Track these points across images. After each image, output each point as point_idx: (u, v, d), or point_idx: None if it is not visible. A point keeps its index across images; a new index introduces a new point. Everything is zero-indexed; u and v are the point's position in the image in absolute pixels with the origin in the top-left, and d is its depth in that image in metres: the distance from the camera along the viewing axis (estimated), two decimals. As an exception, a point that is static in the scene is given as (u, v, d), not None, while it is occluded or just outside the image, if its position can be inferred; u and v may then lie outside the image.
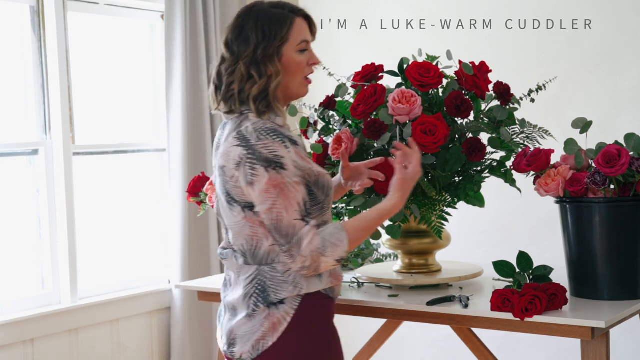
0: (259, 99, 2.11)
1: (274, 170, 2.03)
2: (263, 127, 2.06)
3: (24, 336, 3.32)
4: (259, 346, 2.10)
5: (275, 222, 2.05)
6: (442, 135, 2.37)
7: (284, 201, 2.03)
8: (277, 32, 2.12)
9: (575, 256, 2.37)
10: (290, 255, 2.06)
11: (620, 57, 3.58)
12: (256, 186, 2.04)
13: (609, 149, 2.28)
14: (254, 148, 2.04)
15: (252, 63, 2.11)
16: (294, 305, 2.10)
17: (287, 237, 2.05)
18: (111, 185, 3.84)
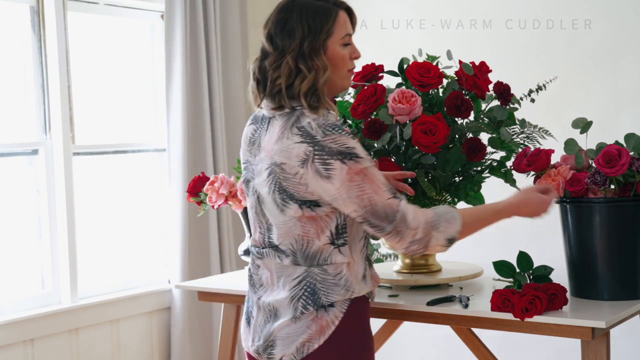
0: (309, 94, 2.05)
1: (351, 161, 1.98)
2: (326, 123, 2.01)
3: (24, 336, 3.32)
4: (304, 349, 2.06)
5: (369, 207, 2.00)
6: (442, 135, 2.37)
7: (371, 185, 1.99)
8: (322, 25, 2.07)
9: (575, 256, 2.37)
10: (397, 232, 2.01)
11: (620, 57, 3.58)
12: (335, 180, 1.98)
13: (609, 149, 2.27)
14: (322, 144, 1.98)
15: (299, 57, 2.05)
16: (342, 309, 2.07)
17: (388, 218, 2.01)
18: (111, 185, 3.84)
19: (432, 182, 2.49)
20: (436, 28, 4.02)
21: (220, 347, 2.86)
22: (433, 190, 2.44)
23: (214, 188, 2.76)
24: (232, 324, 2.84)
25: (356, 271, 2.10)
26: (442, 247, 2.08)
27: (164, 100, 3.88)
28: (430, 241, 2.04)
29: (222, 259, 3.99)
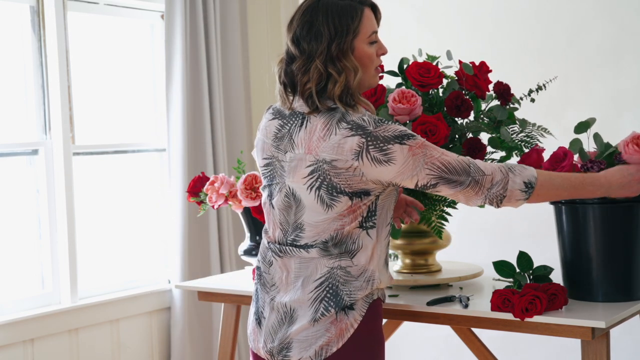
0: (344, 96, 2.03)
1: (409, 140, 1.98)
2: (374, 117, 2.01)
3: (24, 336, 3.32)
4: (322, 352, 2.03)
5: (443, 167, 2.00)
6: (443, 135, 2.37)
7: (436, 150, 2.00)
8: (349, 26, 2.04)
9: (569, 258, 2.37)
10: (475, 182, 2.01)
11: (620, 57, 3.58)
12: (398, 161, 1.97)
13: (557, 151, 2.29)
14: (374, 134, 1.97)
15: (328, 60, 2.02)
16: (362, 312, 2.05)
17: (465, 170, 2.01)
18: (111, 185, 3.84)
19: (432, 182, 2.48)
20: (436, 28, 4.02)
21: (220, 347, 2.86)
22: (433, 190, 2.44)
23: (214, 188, 2.76)
24: (232, 324, 2.84)
25: (379, 256, 2.09)
26: (520, 193, 2.04)
27: (164, 100, 3.88)
28: (508, 184, 2.03)
29: (222, 259, 3.99)
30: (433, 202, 2.51)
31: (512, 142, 2.50)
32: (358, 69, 2.05)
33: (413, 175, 2.01)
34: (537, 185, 2.05)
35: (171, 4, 3.80)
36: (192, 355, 3.88)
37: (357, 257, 2.05)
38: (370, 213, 2.06)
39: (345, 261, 2.05)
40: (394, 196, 2.12)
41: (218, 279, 3.01)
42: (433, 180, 2.01)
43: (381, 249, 2.10)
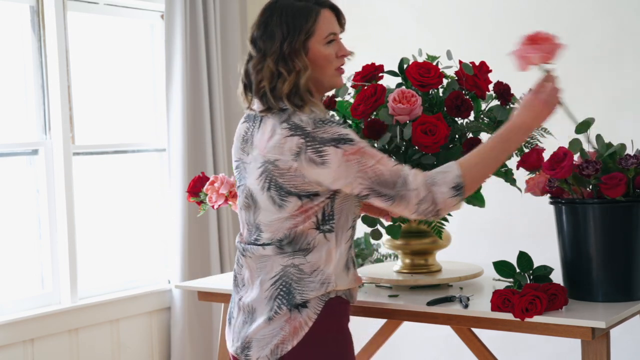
0: (292, 95, 2.05)
1: (345, 144, 1.98)
2: (316, 117, 2.02)
3: (24, 336, 3.32)
4: (278, 351, 2.05)
5: (375, 178, 1.99)
6: (443, 135, 2.36)
7: (372, 158, 2.00)
8: (302, 26, 2.07)
9: (569, 258, 2.37)
10: (402, 197, 2.00)
11: (620, 57, 3.58)
12: (332, 164, 1.98)
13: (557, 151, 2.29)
14: (312, 135, 1.99)
15: (279, 59, 2.05)
16: (316, 310, 2.06)
17: (393, 186, 2.00)
18: (111, 185, 3.84)
19: (432, 182, 2.48)
20: (436, 28, 4.02)
21: (220, 347, 2.86)
22: (433, 190, 2.44)
23: (214, 188, 2.76)
24: (232, 324, 2.84)
25: (337, 260, 2.09)
26: (453, 199, 2.01)
27: (164, 100, 3.88)
28: (436, 196, 2.00)
29: (222, 259, 3.99)
30: (433, 202, 2.51)
31: (512, 142, 2.50)
32: (307, 68, 2.07)
33: (348, 183, 2.02)
34: (465, 182, 2.03)
35: (171, 4, 3.79)
36: (192, 355, 3.88)
37: (311, 255, 2.07)
38: (327, 216, 2.08)
39: (299, 259, 2.07)
40: (353, 200, 2.12)
41: (218, 279, 3.01)
42: (365, 190, 2.02)
43: (341, 253, 2.11)
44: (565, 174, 2.25)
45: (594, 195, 2.29)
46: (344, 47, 2.17)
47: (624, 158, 2.27)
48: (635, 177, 2.28)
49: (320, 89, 2.16)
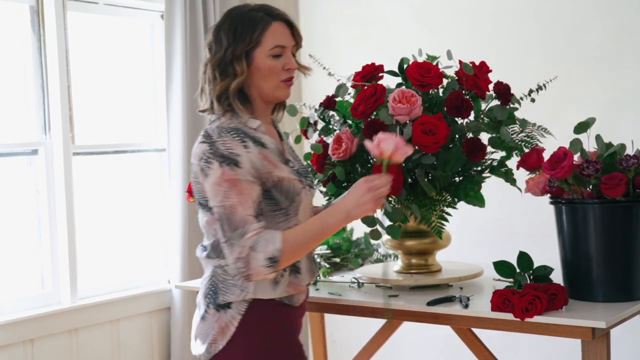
0: (222, 98, 2.14)
1: (228, 166, 2.03)
2: (227, 126, 2.09)
3: (24, 336, 3.31)
4: (211, 349, 2.12)
5: (228, 214, 2.02)
6: (443, 135, 2.36)
7: (238, 196, 2.02)
8: (246, 35, 2.12)
9: (570, 258, 2.37)
10: (231, 244, 2.02)
11: (620, 57, 3.58)
12: (209, 179, 2.05)
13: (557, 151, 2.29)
14: (214, 145, 2.05)
15: (218, 65, 2.13)
16: (240, 310, 2.10)
17: (235, 231, 2.02)
18: (111, 185, 3.84)
19: (432, 182, 2.48)
20: (436, 27, 4.02)
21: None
22: (433, 190, 2.44)
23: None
24: (232, 324, 2.84)
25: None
26: (266, 269, 2.01)
27: (164, 100, 3.88)
28: (251, 262, 2.00)
29: (222, 259, 3.99)
30: (433, 202, 2.52)
31: (512, 142, 2.50)
32: (243, 74, 2.12)
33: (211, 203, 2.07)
34: (282, 256, 2.02)
35: (171, 4, 3.79)
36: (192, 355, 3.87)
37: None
38: None
39: (224, 260, 2.12)
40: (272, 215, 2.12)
41: (218, 279, 3.00)
42: (217, 217, 2.06)
43: None
44: (565, 174, 2.25)
45: (594, 195, 2.29)
46: (292, 60, 2.18)
47: (624, 158, 2.27)
48: (635, 177, 2.28)
49: (265, 99, 2.20)
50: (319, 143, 2.67)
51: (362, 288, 2.69)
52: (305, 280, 2.21)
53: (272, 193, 2.10)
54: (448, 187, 2.51)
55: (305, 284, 2.21)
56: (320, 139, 2.71)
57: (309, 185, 2.22)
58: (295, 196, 2.13)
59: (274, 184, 2.09)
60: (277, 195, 2.10)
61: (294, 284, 2.17)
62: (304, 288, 2.21)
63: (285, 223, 2.12)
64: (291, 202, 2.12)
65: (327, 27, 4.32)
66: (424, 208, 2.51)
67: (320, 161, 2.62)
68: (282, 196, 2.11)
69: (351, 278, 2.77)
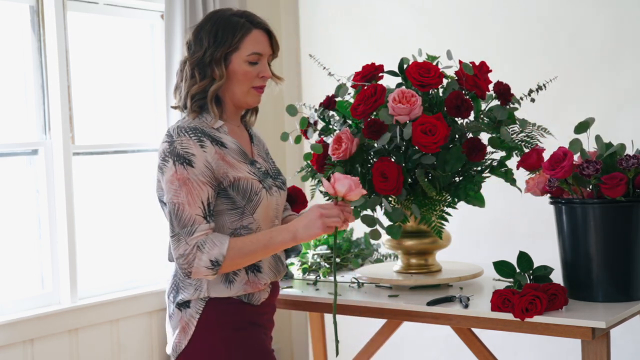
0: (196, 97, 2.17)
1: (181, 166, 2.07)
2: (186, 126, 2.13)
3: (24, 336, 3.31)
4: (177, 348, 2.16)
5: (176, 211, 2.07)
6: (442, 135, 2.37)
7: (187, 195, 2.07)
8: (227, 39, 2.16)
9: (569, 258, 2.37)
10: (178, 240, 2.07)
11: (620, 57, 3.58)
12: (164, 176, 2.10)
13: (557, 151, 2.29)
14: (173, 143, 2.10)
15: (197, 65, 2.17)
16: (198, 309, 2.14)
17: (184, 228, 2.07)
18: (111, 185, 3.84)
19: (432, 182, 2.49)
20: (436, 28, 4.02)
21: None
22: (433, 190, 2.44)
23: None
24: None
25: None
26: (207, 270, 2.05)
27: (164, 100, 3.88)
28: (194, 261, 2.05)
29: (222, 259, 3.99)
30: (433, 202, 2.52)
31: (512, 142, 2.50)
32: (223, 77, 2.16)
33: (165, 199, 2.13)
34: (224, 261, 2.05)
35: (171, 4, 3.79)
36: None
37: None
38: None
39: None
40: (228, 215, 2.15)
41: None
42: (167, 213, 2.11)
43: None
44: (565, 174, 2.25)
45: (594, 195, 2.29)
46: (267, 69, 2.22)
47: (624, 158, 2.27)
48: (635, 177, 2.28)
49: (236, 104, 2.24)
50: (319, 143, 2.67)
51: (362, 288, 2.69)
52: (267, 278, 2.22)
53: (228, 192, 2.14)
54: (448, 187, 2.51)
55: (265, 283, 2.22)
56: (320, 139, 2.71)
57: (277, 187, 2.25)
58: (254, 196, 2.16)
59: (230, 184, 2.13)
60: (233, 195, 2.14)
61: (253, 283, 2.19)
62: (263, 287, 2.22)
63: (239, 221, 2.16)
64: (248, 201, 2.16)
65: (327, 27, 4.31)
66: (424, 208, 2.51)
67: (320, 161, 2.62)
68: (238, 195, 2.15)
69: (351, 278, 2.77)
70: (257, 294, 2.20)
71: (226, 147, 2.16)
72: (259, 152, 2.31)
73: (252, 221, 2.17)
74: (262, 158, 2.30)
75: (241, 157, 2.19)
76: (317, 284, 2.80)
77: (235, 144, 2.20)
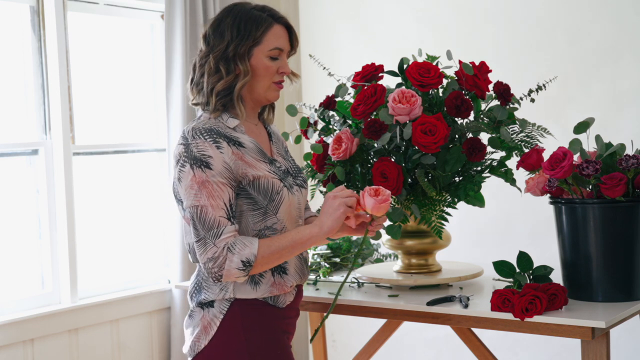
0: (222, 95, 2.13)
1: (199, 169, 2.04)
2: (201, 127, 2.09)
3: (24, 336, 3.31)
4: (195, 347, 2.13)
5: (199, 214, 2.03)
6: (442, 135, 2.37)
7: (209, 198, 2.03)
8: (250, 33, 2.13)
9: (569, 258, 2.37)
10: (204, 243, 2.02)
11: (620, 57, 3.58)
12: (182, 183, 2.07)
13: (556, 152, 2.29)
14: (188, 147, 2.07)
15: (221, 58, 2.13)
16: (222, 310, 2.11)
17: (210, 231, 2.03)
18: (111, 185, 3.84)
19: (432, 182, 2.49)
20: (436, 28, 4.03)
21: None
22: (433, 190, 2.45)
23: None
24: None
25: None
26: (239, 272, 2.02)
27: (164, 100, 3.88)
28: (225, 263, 2.01)
29: (222, 259, 3.99)
30: (433, 202, 2.52)
31: (512, 142, 2.50)
32: (248, 74, 2.13)
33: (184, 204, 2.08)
34: (256, 261, 2.03)
35: (171, 4, 3.80)
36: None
37: None
38: None
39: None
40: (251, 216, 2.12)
41: (218, 279, 3.01)
42: (190, 217, 2.06)
43: None
44: (565, 174, 2.25)
45: (594, 195, 2.29)
46: (286, 65, 2.21)
47: (623, 158, 2.27)
48: (635, 177, 2.28)
49: (255, 99, 2.21)
50: (319, 143, 2.67)
51: (362, 288, 2.69)
52: (293, 280, 2.19)
53: (249, 192, 2.10)
54: (448, 187, 2.52)
55: (291, 285, 2.19)
56: (320, 139, 2.71)
57: (297, 185, 2.22)
58: (275, 195, 2.13)
59: (250, 182, 2.10)
60: (254, 194, 2.11)
61: (279, 285, 2.16)
62: (289, 289, 2.19)
63: (263, 222, 2.13)
64: (270, 201, 2.13)
65: (327, 27, 4.32)
66: (424, 208, 2.51)
67: (320, 161, 2.62)
68: (260, 195, 2.11)
69: (351, 278, 2.77)
70: (282, 296, 2.18)
71: (244, 146, 2.12)
72: (277, 150, 2.27)
73: (276, 221, 2.14)
74: (282, 156, 2.26)
75: (260, 156, 2.15)
76: (317, 284, 2.80)
77: (253, 142, 2.16)
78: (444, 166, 2.45)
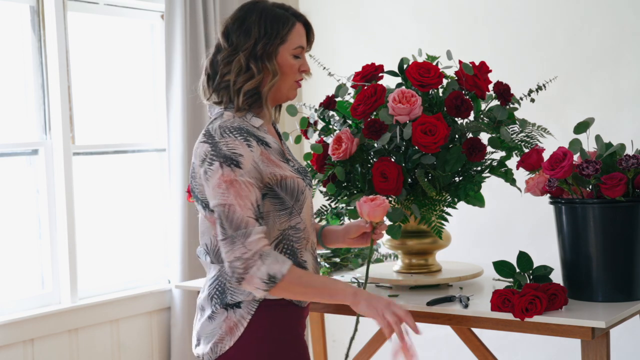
0: (250, 94, 2.09)
1: (229, 167, 2.00)
2: (230, 126, 2.05)
3: (24, 336, 3.32)
4: (217, 349, 2.08)
5: (226, 213, 1.99)
6: (442, 135, 2.37)
7: (236, 198, 1.99)
8: (278, 31, 2.10)
9: (569, 258, 2.37)
10: (232, 242, 1.97)
11: (620, 57, 3.58)
12: (210, 181, 2.02)
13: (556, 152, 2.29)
14: (217, 145, 2.02)
15: (251, 56, 2.09)
16: (250, 310, 2.07)
17: (237, 230, 1.98)
18: (111, 185, 3.84)
19: (432, 182, 2.49)
20: (436, 28, 4.03)
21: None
22: (433, 190, 2.44)
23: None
24: (232, 324, 2.84)
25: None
26: (261, 283, 1.97)
27: (164, 100, 3.88)
28: (252, 268, 1.96)
29: (222, 259, 3.99)
30: (433, 202, 2.52)
31: (512, 142, 2.50)
32: (277, 74, 2.11)
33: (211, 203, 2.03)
34: (282, 280, 1.98)
35: (171, 4, 3.80)
36: (192, 356, 3.88)
37: None
38: None
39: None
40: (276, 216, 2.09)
41: (218, 279, 3.00)
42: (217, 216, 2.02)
43: None
44: (565, 174, 2.25)
45: (594, 195, 2.29)
46: (306, 63, 2.20)
47: (623, 158, 2.27)
48: (635, 177, 2.28)
49: (277, 98, 2.18)
50: (319, 143, 2.67)
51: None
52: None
53: (277, 192, 2.07)
54: (448, 187, 2.51)
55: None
56: (320, 139, 2.71)
57: (309, 185, 2.22)
58: (300, 195, 2.11)
59: (277, 182, 2.07)
60: (282, 194, 2.08)
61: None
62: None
63: (287, 222, 2.10)
64: (296, 200, 2.11)
65: (327, 27, 4.32)
66: (424, 208, 2.51)
67: (320, 161, 2.62)
68: (287, 195, 2.09)
69: (351, 278, 2.77)
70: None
71: (270, 146, 2.09)
72: (288, 150, 2.25)
73: (299, 221, 2.12)
74: (292, 157, 2.24)
75: (281, 156, 2.13)
76: (317, 284, 2.80)
77: (275, 143, 2.14)
78: (444, 166, 2.45)
